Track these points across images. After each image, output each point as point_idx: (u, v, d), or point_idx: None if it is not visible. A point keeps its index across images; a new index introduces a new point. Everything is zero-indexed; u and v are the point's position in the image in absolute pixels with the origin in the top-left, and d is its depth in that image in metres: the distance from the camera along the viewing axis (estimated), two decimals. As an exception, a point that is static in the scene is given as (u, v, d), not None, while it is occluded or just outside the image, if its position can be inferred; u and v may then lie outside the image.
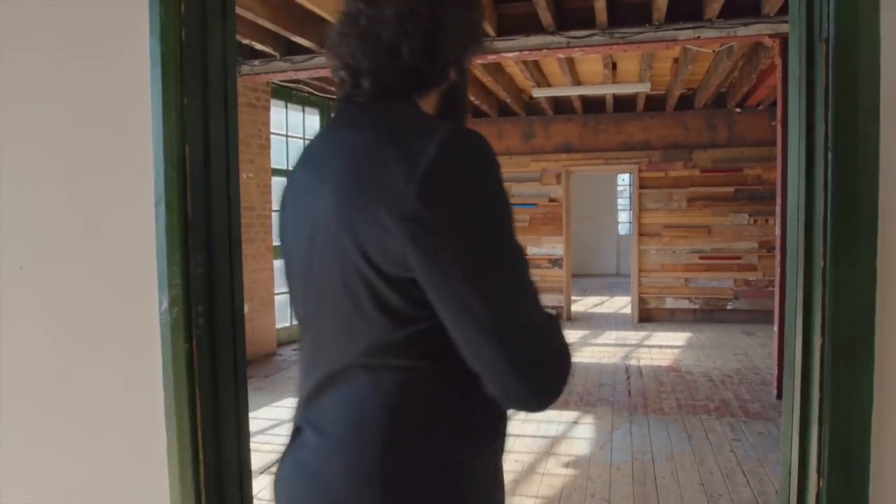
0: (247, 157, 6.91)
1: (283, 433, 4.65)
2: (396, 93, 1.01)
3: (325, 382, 1.01)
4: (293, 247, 1.06)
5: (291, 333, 7.96)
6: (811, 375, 1.25)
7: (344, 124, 1.04)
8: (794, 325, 1.34)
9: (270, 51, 6.01)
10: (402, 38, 0.98)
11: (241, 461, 1.76)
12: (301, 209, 1.02)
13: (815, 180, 1.22)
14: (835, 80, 1.15)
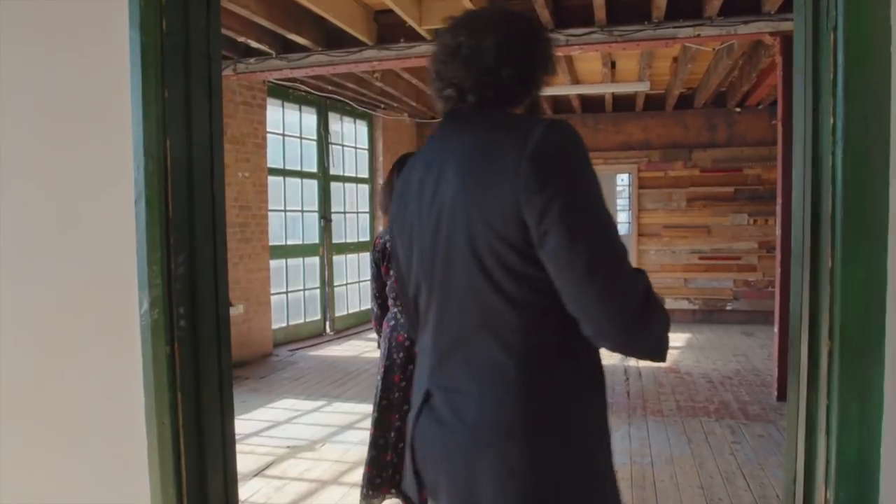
0: (243, 157, 6.85)
1: (279, 435, 4.60)
2: (495, 105, 1.27)
3: (453, 348, 1.21)
4: (416, 236, 1.28)
5: (288, 334, 7.91)
6: (818, 381, 1.19)
7: (454, 130, 1.27)
8: (799, 328, 1.28)
9: (266, 49, 5.95)
10: (501, 63, 1.24)
11: (226, 466, 1.70)
12: (426, 203, 1.25)
13: (822, 176, 1.16)
14: (844, 71, 1.09)
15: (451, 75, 1.28)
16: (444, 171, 1.21)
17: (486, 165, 1.14)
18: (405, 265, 1.34)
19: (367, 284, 9.49)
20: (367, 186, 9.52)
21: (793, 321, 1.32)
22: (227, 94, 6.60)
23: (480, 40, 1.25)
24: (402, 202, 1.35)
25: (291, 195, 7.97)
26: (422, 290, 1.29)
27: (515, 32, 1.27)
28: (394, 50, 5.86)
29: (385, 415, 3.00)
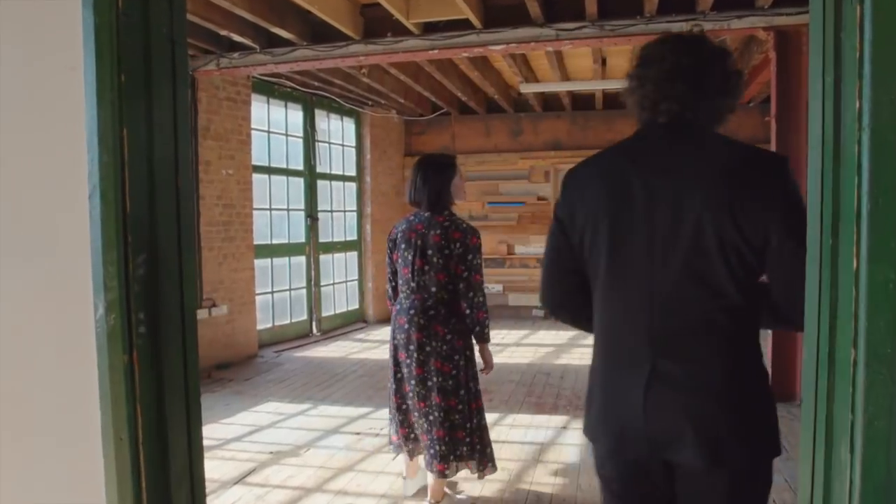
0: (226, 154, 6.70)
1: (262, 440, 4.47)
2: (705, 124, 1.57)
3: (682, 327, 1.48)
4: (637, 228, 1.50)
5: (274, 334, 7.76)
6: (839, 393, 1.08)
7: (679, 142, 1.54)
8: (816, 335, 1.17)
9: (250, 43, 5.81)
10: (719, 94, 1.56)
11: (193, 482, 1.57)
12: (660, 200, 1.48)
13: (845, 167, 1.05)
14: (872, 48, 0.98)
15: (674, 93, 1.53)
16: (687, 176, 1.49)
17: (742, 180, 1.45)
18: (614, 249, 1.55)
19: (354, 284, 9.37)
20: (354, 185, 9.38)
21: (808, 327, 1.21)
22: (210, 89, 6.45)
23: (709, 66, 1.54)
24: (627, 200, 1.53)
25: (277, 193, 7.82)
26: (623, 275, 1.55)
27: (731, 67, 1.59)
28: (381, 45, 5.73)
29: (401, 386, 3.31)
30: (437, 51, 5.72)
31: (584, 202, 1.61)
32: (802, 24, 4.94)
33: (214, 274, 6.58)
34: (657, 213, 1.48)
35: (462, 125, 10.03)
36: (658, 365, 1.48)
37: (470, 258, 3.10)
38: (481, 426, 3.29)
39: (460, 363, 3.17)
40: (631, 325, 1.54)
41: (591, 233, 1.58)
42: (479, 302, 3.14)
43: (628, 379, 1.52)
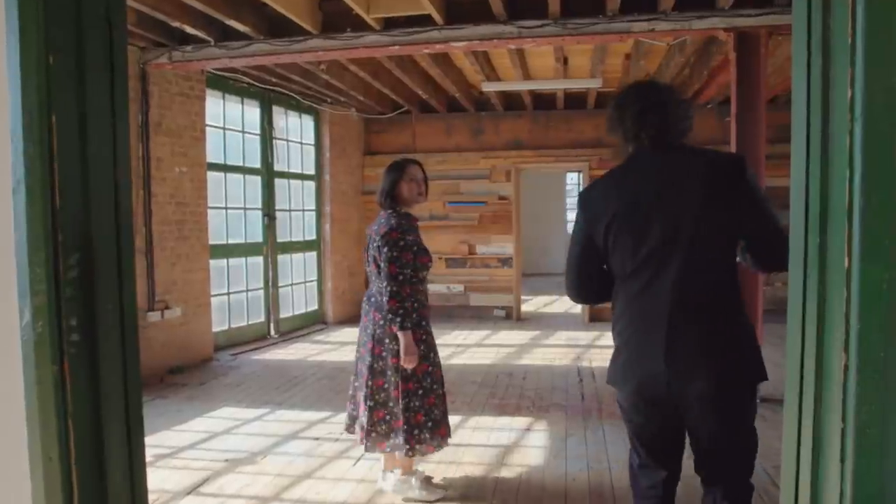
0: (179, 150, 6.47)
1: (217, 447, 4.30)
2: (676, 141, 2.15)
3: (689, 298, 2.02)
4: (652, 221, 2.04)
5: (230, 337, 7.54)
6: (828, 400, 1.02)
7: (664, 159, 2.12)
8: (800, 338, 1.11)
9: (204, 36, 5.62)
10: (688, 119, 2.18)
11: (133, 502, 1.45)
12: (662, 202, 2.05)
13: (835, 160, 0.99)
14: (865, 31, 0.92)
15: (654, 122, 2.12)
16: (683, 183, 2.07)
17: (718, 179, 2.04)
18: (635, 239, 2.07)
19: (313, 285, 9.20)
20: (313, 183, 9.19)
21: (792, 331, 1.15)
22: (162, 83, 6.22)
23: (682, 106, 2.20)
24: (635, 204, 2.09)
25: (233, 192, 7.61)
26: (644, 259, 2.07)
27: (680, 97, 2.30)
28: (340, 40, 5.60)
29: (377, 379, 3.42)
30: (398, 47, 5.61)
31: (606, 213, 2.12)
32: (762, 26, 4.99)
33: (167, 275, 6.36)
34: (663, 215, 2.04)
35: (423, 124, 9.94)
36: (674, 327, 2.02)
37: (385, 250, 3.30)
38: (409, 408, 3.36)
39: (392, 347, 3.35)
40: (651, 299, 2.06)
41: (614, 235, 2.11)
42: (391, 291, 3.28)
43: (652, 337, 2.05)
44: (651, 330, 2.05)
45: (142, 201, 6.00)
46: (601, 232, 2.14)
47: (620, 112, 2.21)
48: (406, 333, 3.27)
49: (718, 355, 2.02)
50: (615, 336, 2.24)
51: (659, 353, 2.02)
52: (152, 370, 6.08)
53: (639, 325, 2.10)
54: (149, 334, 6.09)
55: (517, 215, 9.79)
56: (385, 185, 3.43)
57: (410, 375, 3.35)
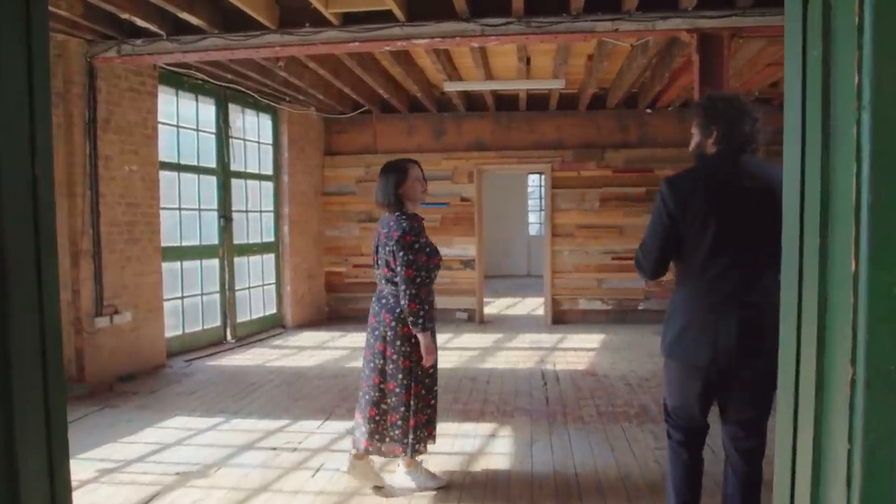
0: (130, 148, 6.21)
1: (167, 460, 4.09)
2: (753, 153, 2.53)
3: (754, 280, 2.40)
4: (734, 216, 2.41)
5: (184, 342, 7.28)
6: (829, 417, 0.93)
7: (744, 164, 2.48)
8: (796, 350, 1.02)
9: (155, 29, 5.38)
10: (759, 134, 2.52)
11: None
12: (741, 205, 2.42)
13: (838, 154, 0.90)
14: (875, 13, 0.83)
15: (741, 133, 2.49)
16: (748, 188, 2.43)
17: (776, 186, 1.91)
18: (716, 233, 2.41)
19: (271, 288, 8.98)
20: (271, 184, 8.96)
21: (785, 341, 1.06)
22: (111, 78, 5.96)
23: (757, 122, 2.53)
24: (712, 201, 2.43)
25: (187, 192, 7.35)
26: (726, 248, 2.42)
27: (759, 118, 2.56)
28: (298, 35, 5.43)
29: (388, 382, 3.47)
30: (358, 43, 5.47)
31: (694, 203, 2.43)
32: (725, 28, 4.98)
33: (117, 278, 6.09)
34: (741, 210, 2.41)
35: (384, 124, 9.78)
36: (743, 306, 2.40)
37: (402, 254, 3.32)
38: (417, 410, 3.45)
39: (403, 349, 3.40)
40: (724, 281, 2.42)
41: (698, 225, 2.42)
42: (410, 294, 3.31)
43: (722, 315, 2.42)
44: (723, 309, 2.42)
45: (88, 202, 5.73)
46: (687, 219, 2.44)
47: (714, 116, 2.53)
48: (426, 335, 3.36)
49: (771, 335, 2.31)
50: (680, 313, 2.54)
51: (733, 333, 2.39)
52: (101, 378, 5.81)
53: (710, 304, 2.46)
54: (97, 341, 5.82)
55: (479, 217, 9.71)
56: (389, 187, 3.42)
57: (420, 378, 3.44)
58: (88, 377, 5.70)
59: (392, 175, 3.44)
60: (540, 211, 16.40)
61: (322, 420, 4.88)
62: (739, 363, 2.44)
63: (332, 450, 4.26)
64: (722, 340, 2.42)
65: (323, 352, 7.52)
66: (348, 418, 4.92)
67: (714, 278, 2.44)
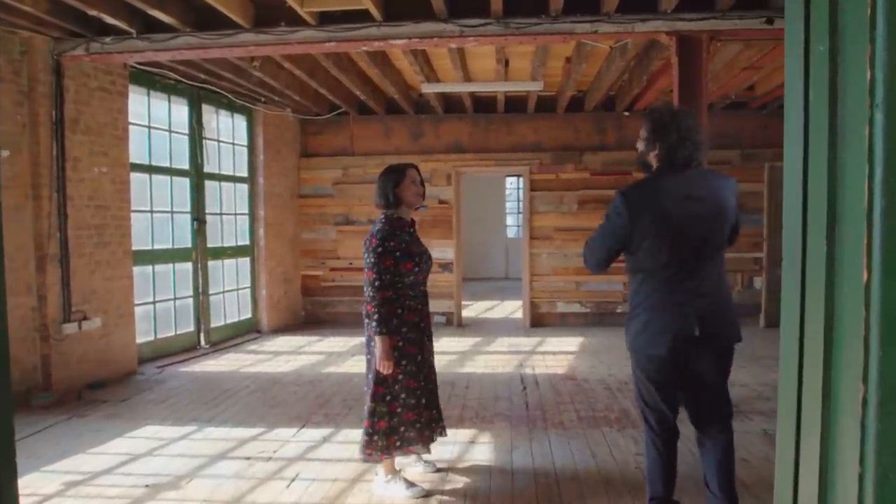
0: (99, 149, 6.05)
1: (137, 471, 3.95)
2: (700, 162, 2.81)
3: (706, 279, 2.76)
4: (683, 225, 2.70)
5: (156, 348, 7.12)
6: (838, 442, 0.87)
7: (694, 174, 2.77)
8: (798, 366, 0.95)
9: (125, 27, 5.24)
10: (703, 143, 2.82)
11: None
12: (693, 211, 2.72)
13: (848, 153, 0.84)
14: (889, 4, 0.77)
15: (696, 148, 2.76)
16: (703, 196, 2.75)
17: (727, 194, 2.80)
18: (671, 238, 2.71)
19: (246, 292, 8.84)
20: (246, 186, 8.81)
21: (786, 357, 1.00)
22: (79, 77, 5.80)
23: (701, 134, 2.81)
24: (666, 210, 2.72)
25: (159, 194, 7.18)
26: (686, 252, 2.73)
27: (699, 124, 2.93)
28: (273, 34, 5.33)
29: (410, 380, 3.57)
30: (335, 44, 5.37)
31: (648, 213, 2.71)
32: (704, 31, 4.97)
33: (86, 283, 5.92)
34: (693, 218, 2.72)
35: (361, 126, 9.68)
36: (694, 300, 2.74)
37: (365, 256, 3.43)
38: (374, 413, 3.47)
39: (375, 350, 3.45)
40: (676, 280, 2.75)
41: (653, 232, 2.71)
42: (368, 296, 3.39)
43: (685, 310, 2.74)
44: (678, 305, 2.74)
45: (56, 204, 5.55)
46: (639, 227, 2.72)
47: (660, 134, 2.77)
48: (383, 338, 3.36)
49: (729, 325, 2.83)
50: (642, 310, 2.82)
51: (692, 322, 2.71)
52: (69, 386, 5.64)
53: (666, 300, 2.76)
54: (64, 348, 5.65)
55: (458, 219, 9.65)
56: (387, 188, 3.52)
57: (381, 380, 3.45)
58: (55, 385, 5.53)
59: (391, 176, 3.56)
60: (518, 213, 16.38)
61: (298, 428, 4.77)
62: (699, 351, 2.79)
63: (307, 459, 4.15)
64: (679, 330, 2.74)
65: (299, 357, 7.40)
66: (325, 426, 4.82)
67: (673, 278, 2.75)
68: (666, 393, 2.90)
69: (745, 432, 4.52)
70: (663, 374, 2.85)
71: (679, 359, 2.78)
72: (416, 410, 3.55)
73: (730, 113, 9.02)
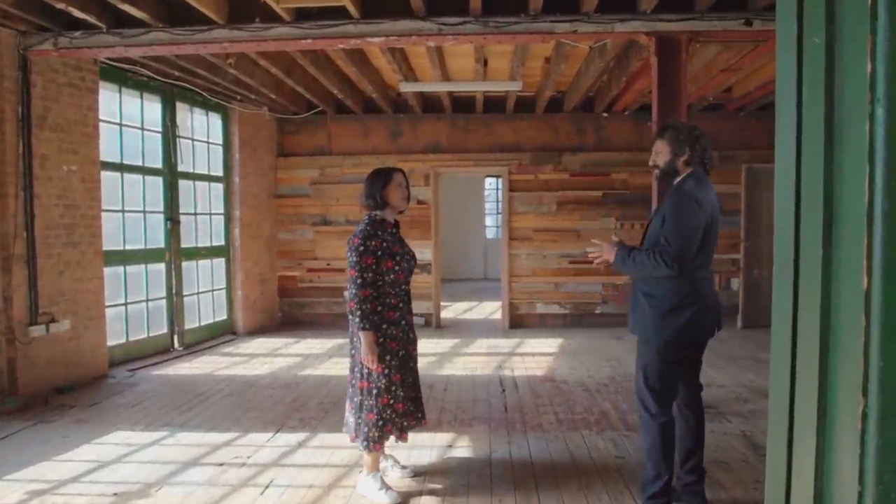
0: (68, 147, 5.89)
1: (105, 479, 3.83)
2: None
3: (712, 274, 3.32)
4: (714, 225, 3.16)
5: (128, 351, 6.96)
6: (835, 457, 0.82)
7: (702, 180, 3.19)
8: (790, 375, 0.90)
9: (94, 21, 5.10)
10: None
11: None
12: (713, 210, 3.14)
13: (846, 151, 0.79)
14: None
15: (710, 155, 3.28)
16: (712, 199, 3.13)
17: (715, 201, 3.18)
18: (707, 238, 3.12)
19: (221, 293, 8.69)
20: (221, 185, 8.66)
21: (777, 368, 0.95)
22: (47, 73, 5.64)
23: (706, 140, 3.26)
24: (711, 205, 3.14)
25: (131, 193, 7.02)
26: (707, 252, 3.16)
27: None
28: (248, 31, 5.22)
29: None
30: (311, 41, 5.28)
31: (705, 214, 3.09)
32: (683, 31, 4.96)
33: (54, 284, 5.76)
34: (715, 220, 3.15)
35: (338, 125, 9.57)
36: (714, 295, 3.25)
37: (348, 255, 3.52)
38: (363, 406, 3.54)
39: (358, 345, 3.52)
40: (709, 275, 3.23)
41: (706, 227, 3.09)
42: (350, 293, 3.47)
43: (712, 301, 3.21)
44: (712, 296, 3.22)
45: (22, 203, 5.39)
46: (705, 230, 3.10)
47: (689, 139, 3.17)
48: (366, 333, 3.43)
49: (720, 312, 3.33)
50: (693, 300, 3.12)
51: (715, 313, 3.22)
52: (35, 390, 5.48)
53: (705, 294, 3.16)
54: (31, 351, 5.49)
55: (436, 220, 9.58)
56: (375, 190, 3.61)
57: (367, 375, 3.53)
58: (22, 389, 5.36)
59: (380, 177, 3.64)
60: (497, 214, 16.36)
61: (273, 432, 4.67)
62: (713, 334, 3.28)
63: (282, 464, 4.06)
64: (712, 318, 3.20)
65: (275, 359, 7.28)
66: (301, 430, 4.72)
67: (706, 272, 3.19)
68: (680, 371, 3.27)
69: (724, 434, 4.51)
70: (691, 355, 3.29)
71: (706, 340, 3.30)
72: (403, 403, 3.62)
73: (707, 114, 9.05)
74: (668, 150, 3.20)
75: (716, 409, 4.99)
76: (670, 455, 3.19)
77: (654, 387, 3.19)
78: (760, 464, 3.96)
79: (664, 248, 3.05)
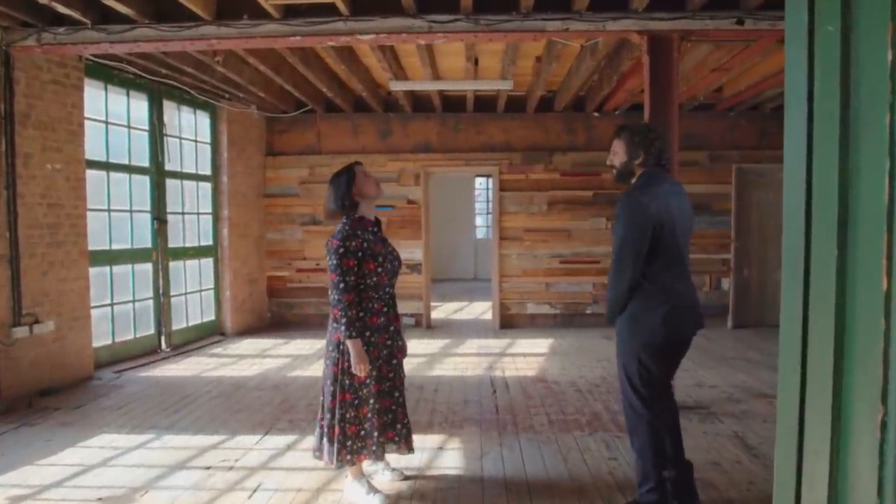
0: (52, 145, 5.79)
1: (89, 483, 3.75)
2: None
3: (685, 274, 3.15)
4: (678, 224, 3.06)
5: (114, 352, 6.86)
6: (851, 465, 0.78)
7: (665, 179, 3.14)
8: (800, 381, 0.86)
9: (79, 17, 5.01)
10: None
11: None
12: (681, 211, 3.09)
13: (861, 146, 0.75)
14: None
15: (668, 153, 3.24)
16: (682, 197, 3.14)
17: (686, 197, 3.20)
18: (668, 234, 3.01)
19: (209, 293, 8.61)
20: (209, 184, 8.57)
21: (786, 371, 0.91)
22: (31, 69, 5.54)
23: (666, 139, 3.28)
24: (669, 207, 3.03)
25: (117, 192, 6.92)
26: (676, 248, 3.07)
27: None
28: (236, 28, 5.15)
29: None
30: (300, 38, 5.21)
31: (658, 214, 2.97)
32: (675, 30, 4.93)
33: (38, 285, 5.66)
34: (684, 219, 3.10)
35: (328, 124, 9.50)
36: (692, 290, 3.17)
37: (328, 259, 3.34)
38: (344, 419, 3.37)
39: (332, 354, 3.38)
40: (680, 274, 3.10)
41: (664, 231, 2.98)
42: (334, 299, 3.29)
43: (687, 301, 3.11)
44: (687, 296, 3.12)
45: (5, 202, 5.30)
46: (657, 228, 2.97)
47: (648, 139, 3.14)
48: (354, 342, 3.26)
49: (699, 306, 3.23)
50: (663, 299, 3.03)
51: (692, 311, 3.12)
52: (19, 393, 5.39)
53: (677, 293, 3.06)
54: (14, 353, 5.39)
55: (427, 220, 9.52)
56: (342, 189, 3.40)
57: (349, 386, 3.35)
58: (4, 392, 5.27)
59: (342, 177, 3.44)
60: (487, 214, 16.33)
61: (261, 435, 4.60)
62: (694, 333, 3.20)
63: (271, 467, 4.00)
64: (690, 320, 3.12)
65: (264, 360, 7.20)
66: (290, 432, 4.66)
67: (677, 272, 3.09)
68: (667, 368, 3.22)
69: (716, 434, 4.49)
70: (676, 354, 3.20)
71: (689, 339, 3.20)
72: (382, 417, 3.44)
73: (698, 114, 9.05)
74: (624, 152, 3.17)
75: (707, 410, 4.97)
76: (661, 452, 3.15)
77: (637, 387, 3.15)
78: (753, 465, 3.94)
79: (614, 253, 3.11)
